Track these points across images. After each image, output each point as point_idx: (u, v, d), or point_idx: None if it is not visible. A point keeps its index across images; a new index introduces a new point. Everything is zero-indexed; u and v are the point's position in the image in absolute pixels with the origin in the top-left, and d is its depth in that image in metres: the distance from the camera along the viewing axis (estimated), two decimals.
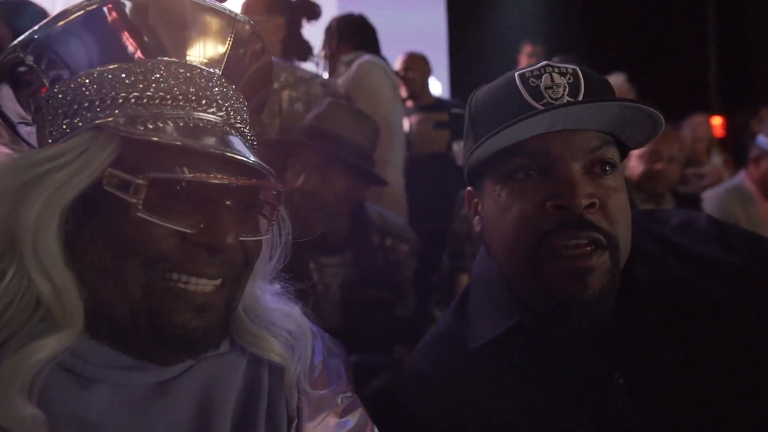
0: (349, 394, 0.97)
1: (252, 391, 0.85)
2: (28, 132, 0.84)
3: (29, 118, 0.82)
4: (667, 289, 0.98)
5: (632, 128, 0.96)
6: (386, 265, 2.04)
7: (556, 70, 0.94)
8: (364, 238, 2.02)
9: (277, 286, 0.96)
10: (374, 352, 1.69)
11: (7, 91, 0.81)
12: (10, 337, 0.70)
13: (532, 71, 0.96)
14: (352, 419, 0.94)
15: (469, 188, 1.09)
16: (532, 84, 0.94)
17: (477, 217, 1.06)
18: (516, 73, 0.97)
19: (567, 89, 0.93)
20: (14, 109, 0.83)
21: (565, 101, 0.92)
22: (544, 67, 0.96)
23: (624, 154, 1.01)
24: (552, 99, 0.92)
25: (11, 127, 0.85)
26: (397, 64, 3.69)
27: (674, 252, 1.02)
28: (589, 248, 0.90)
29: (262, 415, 0.84)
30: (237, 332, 0.88)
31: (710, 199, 3.10)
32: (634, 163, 3.01)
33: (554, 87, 0.93)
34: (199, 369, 0.81)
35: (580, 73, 0.95)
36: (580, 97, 0.92)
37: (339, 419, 0.92)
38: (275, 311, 0.92)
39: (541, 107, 0.91)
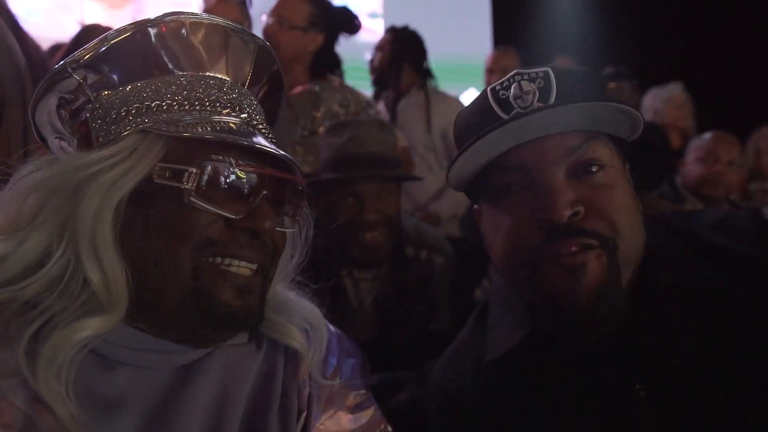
0: (363, 391, 0.99)
1: (267, 381, 0.89)
2: (59, 147, 0.92)
3: (65, 132, 0.90)
4: (696, 294, 0.92)
5: (612, 125, 0.94)
6: (420, 279, 2.01)
7: (525, 77, 0.93)
8: (398, 251, 2.00)
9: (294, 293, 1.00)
10: (406, 367, 1.64)
11: (51, 106, 0.89)
12: (56, 314, 0.77)
13: (501, 83, 0.95)
14: (364, 417, 0.95)
15: (475, 206, 1.08)
16: (502, 96, 0.93)
17: (482, 231, 1.07)
18: (488, 88, 0.97)
19: (537, 95, 0.91)
20: (50, 123, 0.91)
21: (535, 107, 0.90)
22: (513, 76, 0.94)
23: (624, 147, 0.98)
24: (521, 108, 0.91)
25: (43, 142, 0.94)
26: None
27: (706, 253, 0.95)
28: (584, 251, 0.88)
29: (275, 404, 0.88)
30: None
31: None
32: (691, 166, 2.88)
33: (523, 96, 0.92)
34: (218, 355, 0.86)
35: (552, 75, 0.92)
36: (551, 101, 0.90)
37: (351, 415, 0.94)
38: (294, 302, 0.97)
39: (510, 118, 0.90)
